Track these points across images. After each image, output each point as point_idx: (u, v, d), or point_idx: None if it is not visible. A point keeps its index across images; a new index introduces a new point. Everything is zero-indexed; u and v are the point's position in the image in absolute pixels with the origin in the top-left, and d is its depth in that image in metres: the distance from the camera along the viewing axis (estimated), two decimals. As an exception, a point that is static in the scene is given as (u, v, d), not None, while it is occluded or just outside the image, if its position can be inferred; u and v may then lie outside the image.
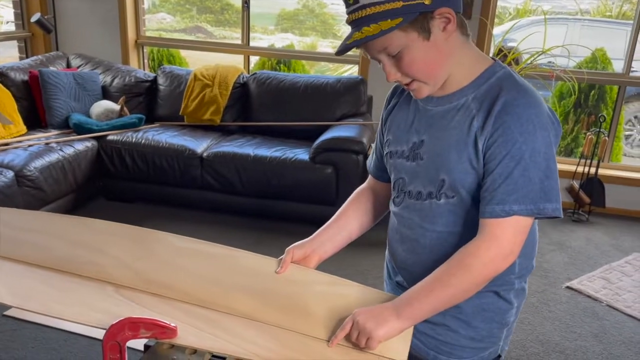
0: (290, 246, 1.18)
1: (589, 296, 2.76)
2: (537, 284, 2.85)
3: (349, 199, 1.27)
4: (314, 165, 3.15)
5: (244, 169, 3.22)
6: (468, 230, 1.03)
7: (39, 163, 2.95)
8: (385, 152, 1.16)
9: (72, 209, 3.27)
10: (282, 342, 1.01)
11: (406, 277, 1.15)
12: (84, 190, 3.35)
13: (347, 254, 1.24)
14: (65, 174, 3.10)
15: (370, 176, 1.28)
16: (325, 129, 3.44)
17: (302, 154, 3.24)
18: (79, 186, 3.26)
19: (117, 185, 3.49)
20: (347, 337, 1.01)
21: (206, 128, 3.70)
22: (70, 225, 1.34)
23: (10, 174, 2.78)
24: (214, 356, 0.99)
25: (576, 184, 3.72)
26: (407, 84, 1.02)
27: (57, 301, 1.10)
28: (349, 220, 1.23)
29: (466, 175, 1.00)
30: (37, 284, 1.16)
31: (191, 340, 1.00)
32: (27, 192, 2.86)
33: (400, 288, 1.18)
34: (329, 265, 1.20)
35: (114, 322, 0.98)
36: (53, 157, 3.05)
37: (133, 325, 0.99)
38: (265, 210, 3.31)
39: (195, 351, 0.99)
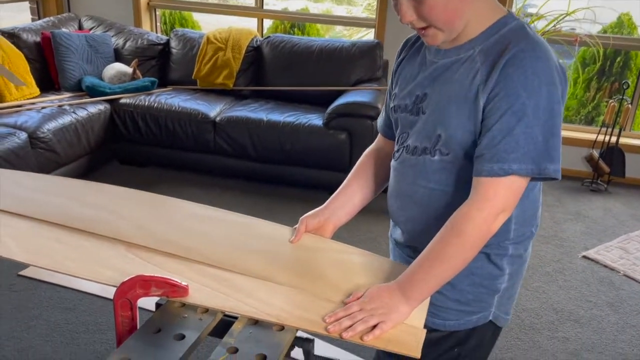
0: (304, 216, 1.16)
1: (605, 266, 2.72)
2: (553, 252, 2.81)
3: (358, 163, 1.24)
4: (328, 131, 3.11)
5: (257, 134, 3.18)
6: (460, 190, 0.99)
7: (52, 125, 2.94)
8: (391, 106, 1.13)
9: (86, 172, 3.27)
10: (295, 303, 0.99)
11: (400, 233, 1.13)
12: (97, 154, 3.35)
13: (359, 220, 1.22)
14: (78, 137, 3.09)
15: (379, 135, 1.25)
16: (339, 94, 3.38)
17: (315, 119, 3.19)
18: (92, 149, 3.25)
19: (131, 149, 3.48)
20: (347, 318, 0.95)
21: (219, 92, 3.66)
22: (87, 189, 1.36)
23: (23, 135, 2.78)
24: (225, 315, 0.97)
25: (596, 153, 3.63)
26: (421, 29, 0.96)
27: (68, 258, 1.09)
28: (360, 184, 1.20)
29: (463, 132, 0.96)
30: (49, 241, 1.15)
31: (203, 299, 0.98)
32: (41, 154, 2.86)
33: (398, 247, 1.16)
34: (341, 232, 1.18)
35: (125, 280, 0.97)
36: (66, 119, 3.04)
37: (144, 283, 0.98)
38: (278, 176, 3.29)
39: (206, 310, 0.97)
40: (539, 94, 0.89)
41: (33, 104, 3.16)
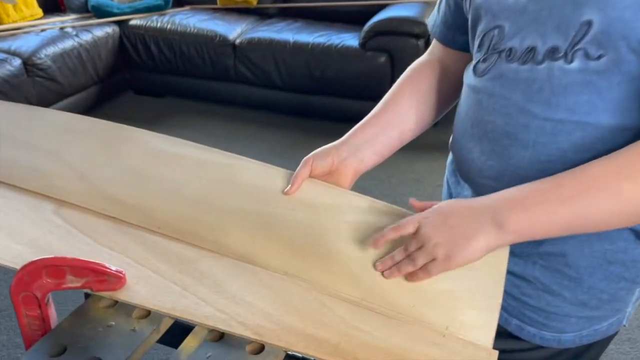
0: (310, 154, 0.78)
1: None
2: None
3: (400, 79, 0.82)
4: (365, 53, 2.67)
5: (282, 59, 2.78)
6: (620, 122, 0.59)
7: (50, 50, 2.61)
8: None
9: (95, 104, 2.97)
10: (287, 301, 0.63)
11: (474, 194, 0.73)
12: (108, 83, 3.02)
13: (399, 155, 0.82)
14: (83, 64, 2.76)
15: (434, 42, 0.83)
16: (379, 8, 2.90)
17: (350, 39, 2.75)
18: (101, 78, 2.92)
19: (145, 78, 3.15)
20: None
21: (241, 11, 3.22)
22: (25, 119, 1.01)
23: (17, 61, 2.46)
24: (177, 322, 0.62)
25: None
26: None
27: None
28: (401, 111, 0.79)
29: (638, 17, 0.53)
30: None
31: (144, 296, 0.64)
32: (40, 83, 2.55)
33: None
34: (374, 170, 0.80)
35: (26, 264, 0.63)
36: (67, 44, 2.70)
37: (55, 270, 0.64)
38: (307, 106, 2.90)
39: (148, 314, 0.62)
40: None
41: (33, 26, 2.82)
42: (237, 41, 2.86)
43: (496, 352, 0.59)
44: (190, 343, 0.59)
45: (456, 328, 0.61)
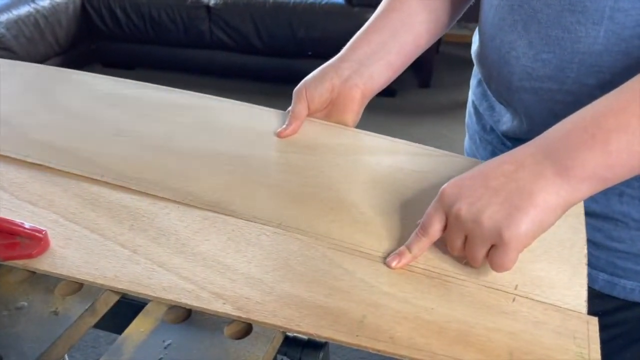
0: (300, 83, 0.60)
1: None
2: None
3: None
4: (352, 9, 2.46)
5: (261, 19, 2.56)
6: None
7: (4, 17, 2.36)
8: None
9: (59, 77, 2.72)
10: (283, 262, 0.44)
11: (515, 116, 0.54)
12: (72, 54, 2.76)
13: (394, 121, 0.63)
14: (41, 32, 2.51)
15: None
16: (364, -38, 2.67)
17: (335, -5, 2.52)
18: (63, 49, 2.67)
19: (113, 48, 2.89)
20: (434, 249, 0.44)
21: (215, -28, 2.97)
22: None
23: (-35, 29, 2.21)
24: (123, 298, 0.43)
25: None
26: None
27: None
28: (411, 10, 0.60)
29: None
30: None
31: (73, 265, 0.44)
32: (-7, 54, 2.29)
33: (501, 143, 0.58)
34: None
35: None
36: (23, 10, 2.45)
37: (-60, 231, 0.44)
38: (291, 71, 2.65)
39: (79, 288, 0.42)
40: None
41: (-17, -8, 2.56)
42: (212, 2, 2.62)
43: (595, 319, 0.40)
44: (139, 327, 0.39)
45: (529, 288, 0.42)
